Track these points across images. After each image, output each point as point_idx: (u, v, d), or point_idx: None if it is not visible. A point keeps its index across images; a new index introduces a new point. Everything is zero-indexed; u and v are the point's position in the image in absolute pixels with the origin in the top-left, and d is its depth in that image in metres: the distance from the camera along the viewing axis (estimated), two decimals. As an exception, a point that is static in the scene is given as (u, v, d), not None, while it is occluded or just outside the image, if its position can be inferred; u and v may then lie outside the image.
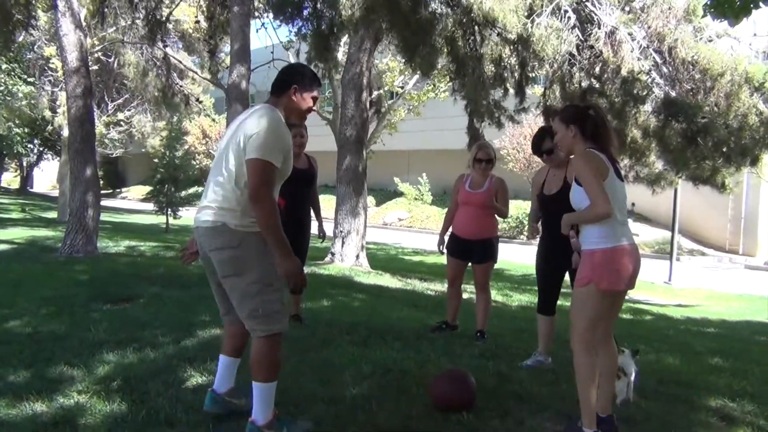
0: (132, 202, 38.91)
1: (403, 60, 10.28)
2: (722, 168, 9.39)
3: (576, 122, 3.33)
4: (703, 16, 7.80)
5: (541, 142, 4.53)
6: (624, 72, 7.92)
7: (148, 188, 24.89)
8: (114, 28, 15.61)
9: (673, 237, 14.12)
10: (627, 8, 9.04)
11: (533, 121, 18.09)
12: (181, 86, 14.92)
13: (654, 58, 8.47)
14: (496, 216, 5.37)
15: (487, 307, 5.46)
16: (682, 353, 5.90)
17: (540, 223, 4.58)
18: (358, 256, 10.78)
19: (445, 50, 8.53)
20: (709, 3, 4.65)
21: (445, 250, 5.53)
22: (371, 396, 3.69)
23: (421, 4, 6.88)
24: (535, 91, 12.52)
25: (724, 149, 9.17)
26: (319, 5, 8.38)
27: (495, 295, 9.45)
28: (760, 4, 4.42)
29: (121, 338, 4.72)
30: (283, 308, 3.11)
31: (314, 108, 3.29)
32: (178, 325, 5.22)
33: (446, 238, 5.55)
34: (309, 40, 9.27)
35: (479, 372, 4.21)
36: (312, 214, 5.58)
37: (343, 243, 10.67)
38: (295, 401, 3.55)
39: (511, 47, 8.89)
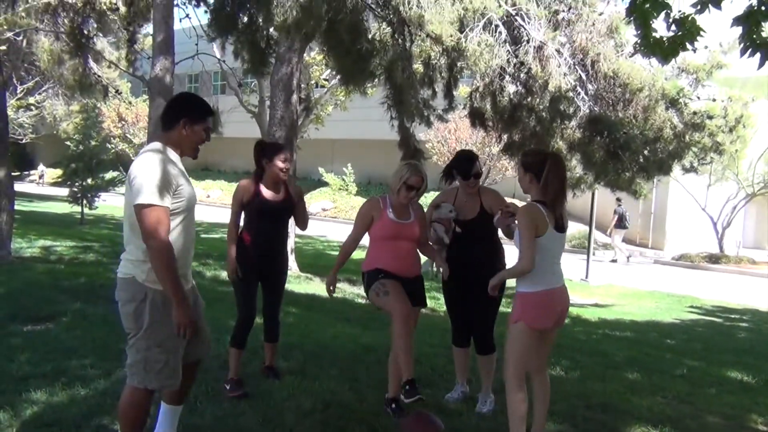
0: (42, 186, 37.46)
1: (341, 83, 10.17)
2: (638, 177, 9.86)
3: (532, 171, 3.52)
4: (632, 55, 8.09)
5: (472, 166, 4.37)
6: (551, 87, 8.14)
7: (59, 171, 23.92)
8: (24, 5, 14.67)
9: (590, 236, 14.69)
10: (554, 21, 9.29)
11: (458, 117, 18.36)
12: (99, 76, 14.25)
13: (579, 73, 8.75)
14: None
15: None
16: (603, 367, 6.17)
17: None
18: (286, 259, 10.66)
19: (383, 77, 8.50)
20: (640, 42, 4.88)
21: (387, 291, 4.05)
22: (314, 437, 3.70)
23: (362, 35, 6.82)
24: (461, 91, 12.68)
25: (641, 160, 9.63)
26: (254, 18, 8.15)
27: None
28: (687, 45, 4.70)
29: (47, 370, 4.50)
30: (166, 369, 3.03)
31: (207, 140, 3.19)
32: (108, 352, 5.00)
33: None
34: (244, 54, 8.97)
35: (417, 403, 4.29)
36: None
37: (271, 246, 10.45)
38: (237, 447, 3.52)
39: (442, 52, 8.96)
